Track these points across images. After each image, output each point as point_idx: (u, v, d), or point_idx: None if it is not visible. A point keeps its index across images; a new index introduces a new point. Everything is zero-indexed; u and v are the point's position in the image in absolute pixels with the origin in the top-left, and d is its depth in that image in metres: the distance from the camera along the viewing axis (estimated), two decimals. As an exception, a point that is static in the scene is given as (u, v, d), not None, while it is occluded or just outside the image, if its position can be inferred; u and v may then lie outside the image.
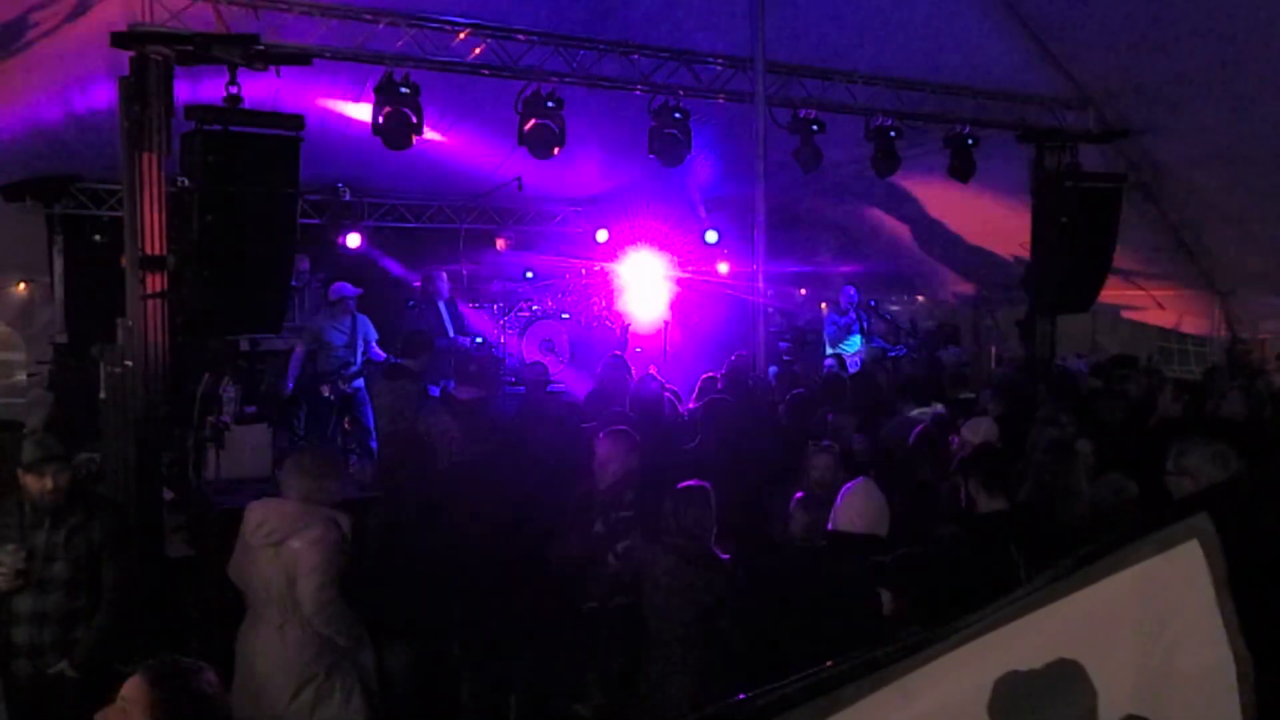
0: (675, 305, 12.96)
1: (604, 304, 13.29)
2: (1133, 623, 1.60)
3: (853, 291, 11.91)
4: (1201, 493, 3.86)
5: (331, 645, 4.41)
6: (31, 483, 4.47)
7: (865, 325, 11.80)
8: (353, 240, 11.35)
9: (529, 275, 12.94)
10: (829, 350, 11.80)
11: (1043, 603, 1.54)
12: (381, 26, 7.18)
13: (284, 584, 4.37)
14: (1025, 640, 1.52)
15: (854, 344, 11.64)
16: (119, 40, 6.14)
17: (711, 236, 13.03)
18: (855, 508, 4.39)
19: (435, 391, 8.68)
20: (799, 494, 4.70)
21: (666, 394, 7.79)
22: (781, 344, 12.39)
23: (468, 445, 6.31)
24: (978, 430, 5.93)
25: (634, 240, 12.81)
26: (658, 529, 4.53)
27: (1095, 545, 1.62)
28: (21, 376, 10.38)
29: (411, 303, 11.72)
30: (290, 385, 9.69)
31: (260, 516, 4.50)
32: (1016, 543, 4.12)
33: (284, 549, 4.38)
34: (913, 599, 4.05)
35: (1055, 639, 1.54)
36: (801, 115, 8.91)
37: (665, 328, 12.60)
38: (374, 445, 9.10)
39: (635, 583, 4.59)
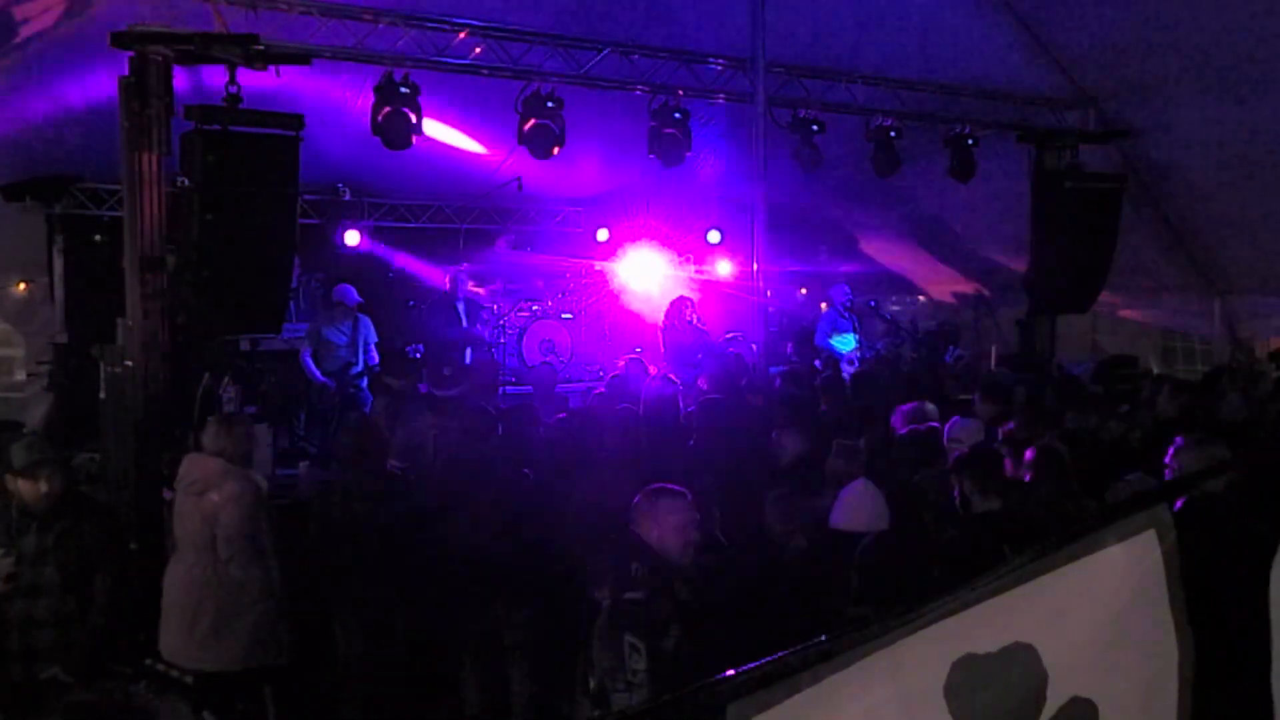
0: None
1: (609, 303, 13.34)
2: (1088, 608, 1.65)
3: (846, 289, 11.87)
4: (1163, 485, 3.91)
5: (236, 591, 4.81)
6: (24, 487, 4.44)
7: (858, 324, 11.75)
8: (351, 238, 11.32)
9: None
10: (820, 349, 11.74)
11: (1005, 589, 1.57)
12: (381, 26, 7.18)
13: (201, 529, 4.82)
14: (984, 625, 1.55)
15: (848, 343, 11.59)
16: (119, 40, 6.14)
17: (714, 236, 13.04)
18: (854, 506, 4.44)
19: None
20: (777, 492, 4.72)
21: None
22: (788, 345, 12.36)
23: (459, 440, 6.31)
24: (968, 431, 5.91)
25: (635, 239, 12.82)
26: None
27: (1060, 534, 1.67)
28: (21, 375, 10.39)
29: (412, 303, 11.72)
30: (321, 380, 9.69)
31: (188, 468, 4.98)
32: (1010, 543, 4.11)
33: (204, 500, 4.85)
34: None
35: (1012, 623, 1.58)
36: (801, 115, 8.92)
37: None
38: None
39: None
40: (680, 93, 8.34)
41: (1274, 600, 1.87)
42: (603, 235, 12.90)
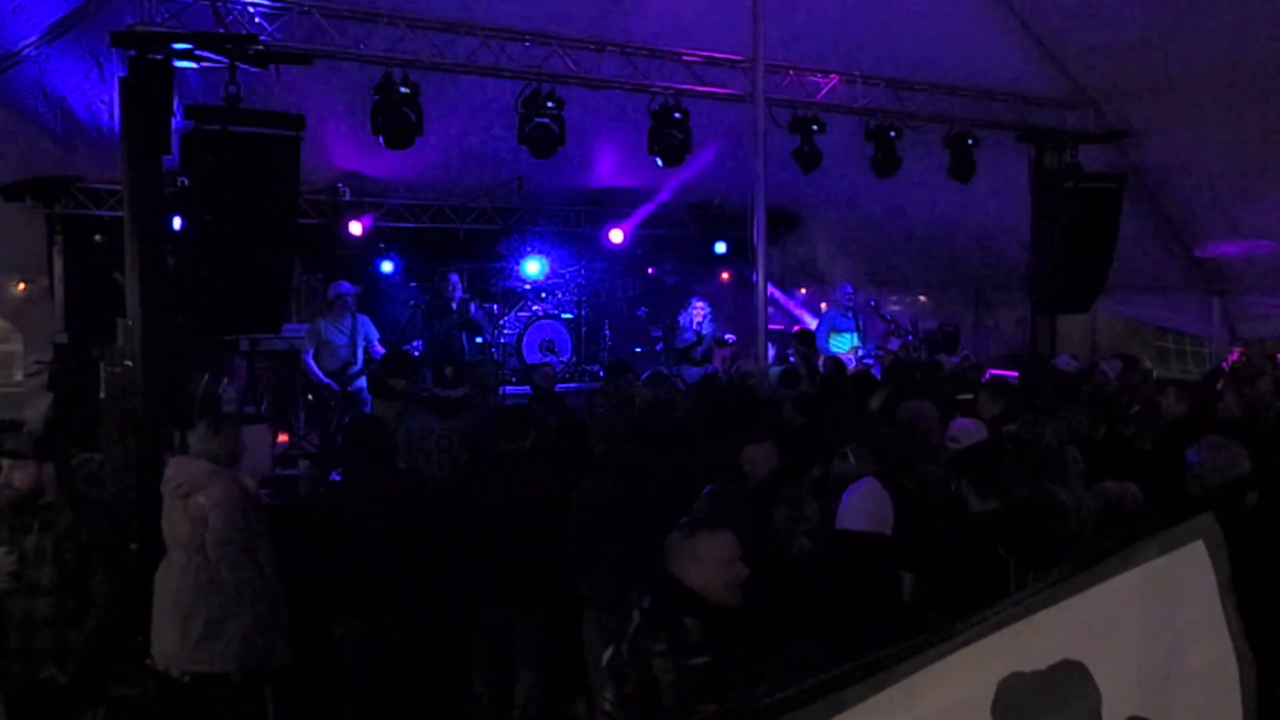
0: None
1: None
2: (1137, 623, 1.60)
3: (849, 288, 11.85)
4: (1206, 493, 3.88)
5: (229, 592, 4.79)
6: None
7: (861, 324, 11.72)
8: (354, 228, 11.28)
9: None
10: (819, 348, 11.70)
11: (1047, 603, 1.53)
12: (382, 26, 7.18)
13: (190, 532, 4.81)
14: (1030, 641, 1.51)
15: (846, 342, 11.56)
16: (119, 40, 6.14)
17: (720, 248, 13.03)
18: (860, 507, 4.37)
19: None
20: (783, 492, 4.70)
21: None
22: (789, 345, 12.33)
23: (459, 441, 6.32)
24: (967, 431, 5.89)
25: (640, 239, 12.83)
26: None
27: (1100, 545, 1.62)
28: (19, 374, 10.38)
29: (413, 303, 11.70)
30: (324, 380, 9.67)
31: (175, 471, 4.97)
32: (1006, 543, 4.09)
33: (191, 501, 4.84)
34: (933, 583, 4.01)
35: (1060, 640, 1.54)
36: (801, 115, 8.92)
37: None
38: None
39: None
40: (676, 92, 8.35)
41: None
42: (616, 236, 12.86)
